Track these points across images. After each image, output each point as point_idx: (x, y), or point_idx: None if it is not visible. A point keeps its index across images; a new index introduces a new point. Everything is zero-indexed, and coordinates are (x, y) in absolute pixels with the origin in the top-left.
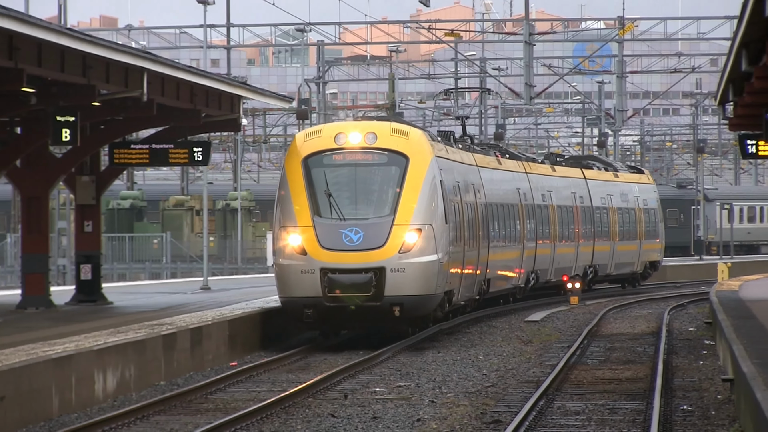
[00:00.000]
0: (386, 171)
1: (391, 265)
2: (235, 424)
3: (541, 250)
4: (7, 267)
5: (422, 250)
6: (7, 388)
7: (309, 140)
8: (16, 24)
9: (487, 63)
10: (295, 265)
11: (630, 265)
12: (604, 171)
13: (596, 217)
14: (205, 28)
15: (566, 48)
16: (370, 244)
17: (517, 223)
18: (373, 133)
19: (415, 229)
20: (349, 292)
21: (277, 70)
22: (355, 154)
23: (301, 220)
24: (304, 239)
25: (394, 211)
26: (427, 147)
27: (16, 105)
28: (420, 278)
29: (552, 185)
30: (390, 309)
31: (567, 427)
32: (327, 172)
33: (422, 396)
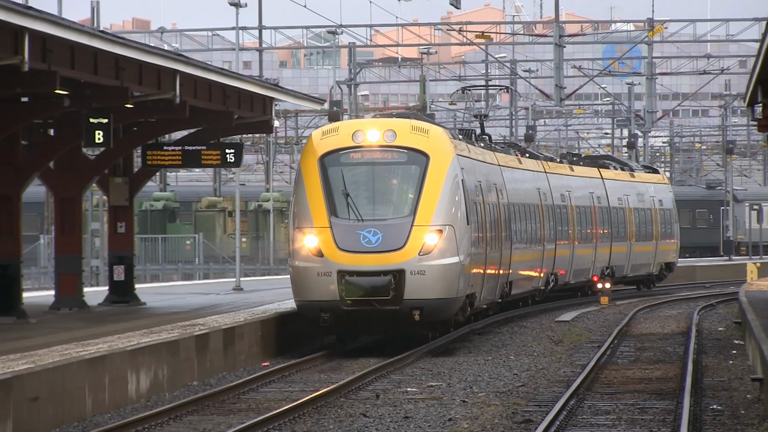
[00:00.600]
0: (406, 170)
1: (410, 268)
2: (267, 424)
3: (560, 252)
4: (40, 268)
5: (443, 252)
6: (41, 388)
7: (326, 138)
8: (50, 27)
9: (518, 65)
10: (311, 268)
11: (646, 266)
12: (621, 171)
13: (613, 217)
14: (238, 31)
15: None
16: (388, 245)
17: (537, 223)
18: (393, 130)
19: (435, 230)
20: (367, 295)
21: (309, 72)
22: (373, 153)
23: (318, 220)
24: (321, 241)
25: (414, 212)
26: (448, 145)
27: (50, 107)
28: (441, 281)
29: (570, 185)
30: (409, 313)
31: (597, 427)
32: (344, 171)
33: (454, 396)
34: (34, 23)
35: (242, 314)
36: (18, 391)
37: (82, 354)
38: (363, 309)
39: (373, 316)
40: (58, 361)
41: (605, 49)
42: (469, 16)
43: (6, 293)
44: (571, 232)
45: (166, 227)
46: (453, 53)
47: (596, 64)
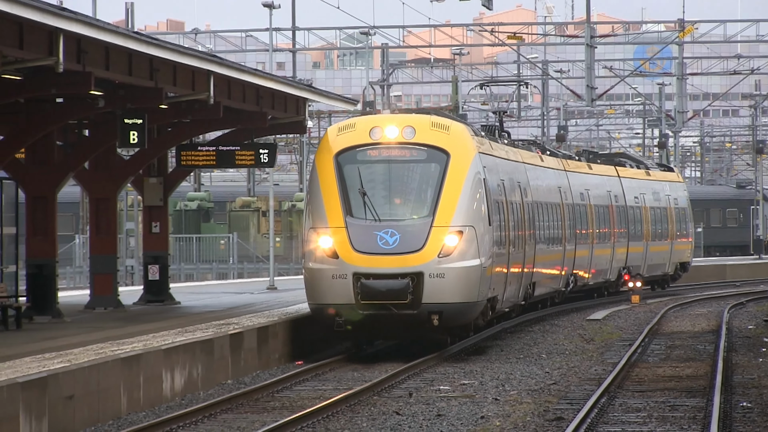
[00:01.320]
0: (425, 168)
1: (429, 271)
2: (301, 422)
3: (580, 252)
4: (75, 268)
5: (463, 254)
6: (77, 386)
7: (342, 134)
8: (84, 28)
9: (549, 65)
10: (326, 270)
11: (661, 266)
12: (636, 169)
13: (630, 216)
14: (271, 32)
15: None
16: (407, 247)
17: (559, 223)
18: (412, 127)
19: (455, 231)
20: (383, 299)
21: (342, 72)
22: (391, 150)
23: (333, 220)
24: (336, 241)
25: (434, 212)
26: (470, 142)
27: (85, 108)
28: (461, 284)
29: (589, 183)
30: (428, 317)
31: (629, 424)
32: (361, 169)
33: (486, 394)
34: (69, 24)
35: (276, 313)
36: (53, 390)
37: (117, 353)
38: (379, 313)
39: (389, 321)
40: (94, 360)
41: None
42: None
43: (42, 293)
44: (590, 232)
45: (200, 227)
46: (485, 54)
47: (627, 64)
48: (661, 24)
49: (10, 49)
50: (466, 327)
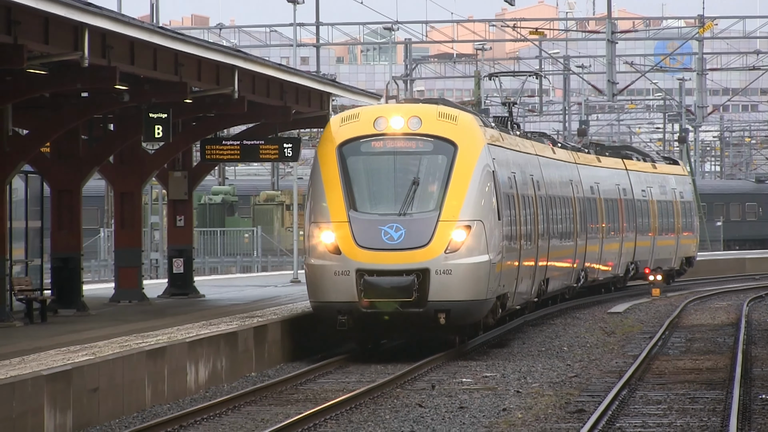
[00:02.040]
0: (432, 160)
1: (436, 267)
2: (324, 414)
3: (590, 247)
4: (100, 261)
5: (471, 250)
6: (101, 379)
7: (345, 125)
8: (109, 23)
9: (571, 60)
10: (328, 266)
11: (668, 260)
12: (643, 162)
13: (638, 210)
14: (295, 27)
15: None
16: (412, 242)
17: (571, 217)
18: (418, 117)
19: (463, 226)
20: (388, 296)
21: (366, 67)
22: (396, 141)
23: (335, 215)
24: (338, 237)
25: (440, 206)
26: (479, 133)
27: (110, 102)
28: (469, 281)
29: (598, 177)
30: (434, 316)
31: (649, 416)
32: (365, 161)
33: (508, 386)
34: (94, 19)
35: (300, 306)
36: (78, 382)
37: (141, 346)
38: (384, 311)
39: (394, 319)
40: (118, 352)
41: (657, 46)
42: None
43: (67, 286)
44: (600, 226)
45: (224, 221)
46: (507, 49)
47: (648, 60)
48: (681, 20)
49: (36, 44)
50: (475, 326)
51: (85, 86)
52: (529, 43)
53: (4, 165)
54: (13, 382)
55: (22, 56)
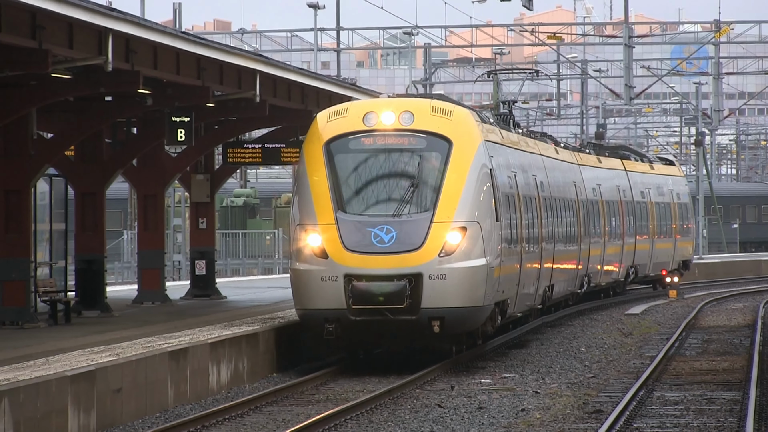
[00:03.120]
0: (425, 158)
1: (429, 271)
2: (345, 415)
3: (593, 251)
4: (123, 263)
5: (467, 253)
6: (125, 379)
7: (333, 120)
8: (133, 28)
9: (588, 65)
10: (314, 271)
11: (666, 264)
12: (641, 162)
13: (637, 212)
14: (316, 32)
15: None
16: (404, 245)
17: (575, 219)
18: (410, 112)
19: (458, 227)
20: (378, 303)
21: (386, 72)
22: (387, 138)
23: (322, 216)
24: (325, 239)
25: (434, 207)
26: (475, 129)
27: (133, 106)
28: (464, 287)
29: (600, 178)
30: (428, 324)
31: (666, 417)
32: (353, 159)
33: (526, 387)
34: (118, 24)
35: None
36: (102, 383)
37: (164, 347)
38: (374, 319)
39: (385, 328)
40: (141, 353)
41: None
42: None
43: (90, 287)
44: (602, 229)
45: (246, 223)
46: (525, 53)
47: (664, 64)
48: (698, 24)
49: (61, 48)
50: (473, 334)
51: (108, 90)
52: (547, 47)
53: (28, 168)
54: (38, 383)
55: (46, 61)
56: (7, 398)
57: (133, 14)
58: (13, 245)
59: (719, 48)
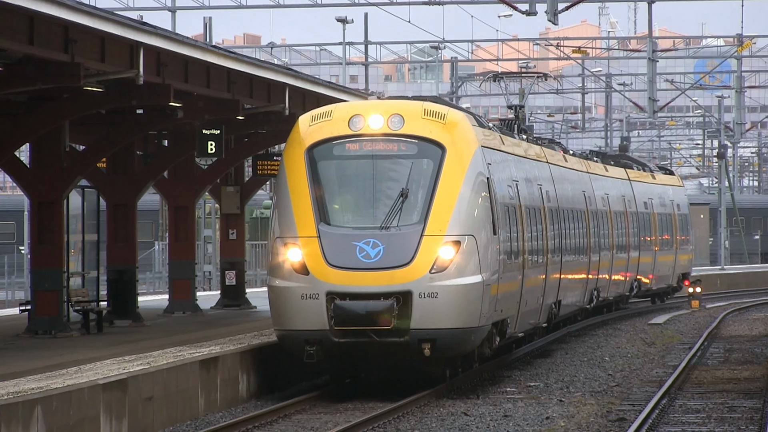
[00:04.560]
0: (416, 165)
1: (419, 289)
2: (372, 423)
3: (602, 264)
4: (155, 273)
5: (461, 270)
6: (156, 388)
7: (316, 124)
8: (164, 41)
9: (613, 78)
10: (294, 288)
11: (667, 277)
12: (643, 172)
13: (641, 224)
14: (344, 46)
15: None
16: (392, 261)
17: (584, 231)
18: (400, 115)
19: (452, 241)
20: (363, 324)
21: (413, 85)
22: (375, 143)
23: (303, 229)
24: (306, 254)
25: (425, 219)
26: (471, 134)
27: (164, 119)
28: (458, 306)
29: (607, 188)
30: (418, 347)
31: (688, 425)
32: (338, 167)
33: (551, 395)
34: (149, 38)
35: None
36: (133, 391)
37: (194, 355)
38: (358, 341)
39: (371, 351)
40: (172, 362)
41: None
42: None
43: (122, 297)
44: (610, 242)
45: None
46: (551, 67)
47: (688, 77)
48: (721, 39)
49: (93, 62)
50: (468, 357)
51: (140, 103)
52: (572, 61)
53: (61, 180)
54: (71, 391)
55: (79, 74)
56: (40, 406)
57: (164, 28)
58: (46, 256)
59: (741, 62)
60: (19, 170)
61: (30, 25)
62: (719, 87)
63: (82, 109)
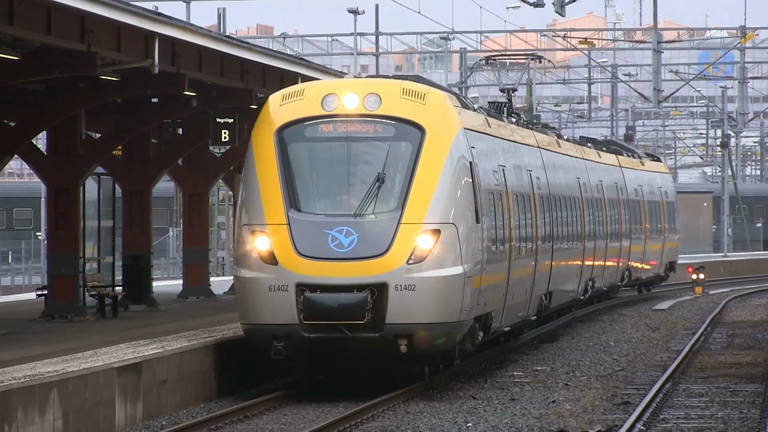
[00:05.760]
0: (393, 148)
1: (395, 281)
2: (382, 406)
3: (597, 252)
4: (169, 259)
5: (441, 260)
6: (170, 371)
7: (287, 104)
8: (178, 32)
9: (618, 69)
10: (262, 280)
11: (656, 266)
12: (632, 158)
13: (632, 211)
14: (356, 36)
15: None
16: (367, 250)
17: (579, 220)
18: (377, 94)
19: (431, 230)
20: (334, 318)
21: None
22: (350, 124)
23: (272, 216)
24: (275, 243)
25: (403, 205)
26: (453, 115)
27: (178, 108)
28: (437, 299)
29: (602, 174)
30: (393, 343)
31: (691, 408)
32: (309, 149)
33: (557, 379)
34: (164, 28)
35: None
36: (147, 375)
37: (208, 339)
38: (329, 336)
39: (343, 347)
40: (186, 346)
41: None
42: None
43: (137, 282)
44: (605, 229)
45: None
46: (558, 58)
47: (692, 68)
48: (724, 30)
49: (109, 51)
50: (449, 353)
51: (155, 92)
52: (579, 52)
53: (77, 167)
54: (86, 374)
55: (95, 63)
56: (56, 389)
57: (178, 19)
58: (62, 242)
59: (744, 53)
60: (37, 157)
61: (47, 15)
62: (722, 78)
63: (98, 98)
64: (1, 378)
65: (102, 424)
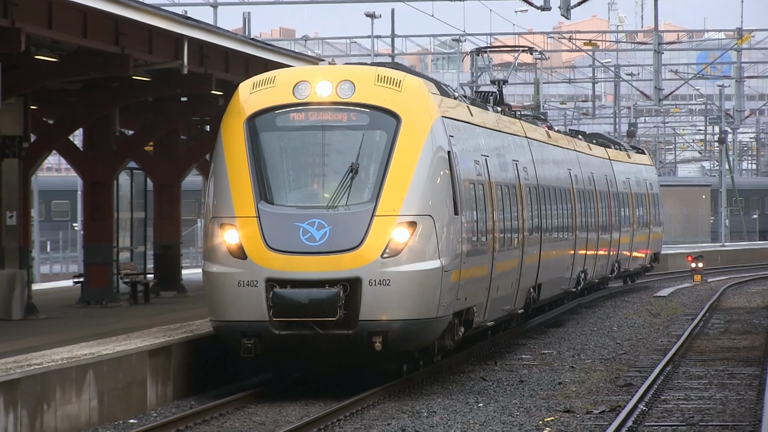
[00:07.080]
0: (367, 137)
1: (370, 276)
2: (396, 387)
3: (589, 244)
4: (197, 248)
5: (417, 254)
6: (197, 355)
7: (257, 92)
8: (206, 34)
9: (621, 69)
10: (231, 275)
11: (642, 258)
12: (619, 151)
13: (621, 203)
14: (373, 39)
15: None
16: (339, 244)
17: (569, 212)
18: (350, 81)
19: (406, 222)
20: (305, 314)
21: (436, 75)
22: (322, 113)
23: (241, 208)
24: (244, 236)
25: (377, 197)
26: (430, 103)
27: (206, 106)
28: (413, 295)
29: (593, 166)
30: (368, 340)
31: (691, 390)
32: (280, 139)
33: (563, 362)
34: (193, 31)
35: None
36: (177, 358)
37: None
38: (301, 334)
39: (315, 345)
40: (193, 335)
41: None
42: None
43: (167, 270)
44: (596, 222)
45: None
46: (564, 59)
47: (691, 68)
48: (722, 32)
49: (141, 53)
50: (428, 350)
51: (184, 91)
52: (584, 53)
53: (112, 162)
54: (120, 357)
55: (128, 64)
56: (92, 370)
57: (206, 22)
58: (97, 232)
59: (741, 54)
60: (73, 153)
61: (84, 20)
62: (720, 77)
63: (130, 97)
64: (41, 360)
65: (135, 403)
